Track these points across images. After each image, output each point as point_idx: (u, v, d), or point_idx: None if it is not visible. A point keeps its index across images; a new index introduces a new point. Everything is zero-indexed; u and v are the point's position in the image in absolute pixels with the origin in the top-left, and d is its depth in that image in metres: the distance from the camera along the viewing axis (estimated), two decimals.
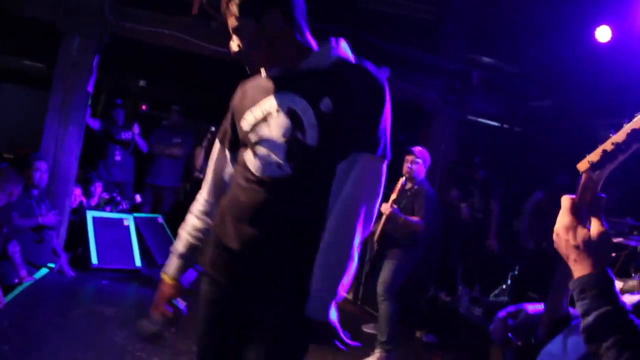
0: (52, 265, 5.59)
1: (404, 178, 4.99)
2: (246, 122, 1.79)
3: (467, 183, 6.88)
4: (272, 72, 1.81)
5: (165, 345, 4.16)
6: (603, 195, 1.13)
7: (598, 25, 5.87)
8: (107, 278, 5.86)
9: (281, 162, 1.69)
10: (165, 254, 6.12)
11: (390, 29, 6.96)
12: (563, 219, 1.15)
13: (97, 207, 6.82)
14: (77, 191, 6.47)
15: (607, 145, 1.13)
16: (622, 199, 6.58)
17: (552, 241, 1.17)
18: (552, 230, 1.16)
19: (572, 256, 1.13)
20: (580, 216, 1.13)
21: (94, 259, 6.02)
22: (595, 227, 1.12)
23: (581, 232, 1.11)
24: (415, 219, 4.78)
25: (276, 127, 1.71)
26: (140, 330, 1.86)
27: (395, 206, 4.81)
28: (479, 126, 8.17)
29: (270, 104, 1.75)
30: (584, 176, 1.15)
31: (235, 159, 1.91)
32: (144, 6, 5.99)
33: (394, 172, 5.04)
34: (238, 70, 3.39)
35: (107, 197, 7.07)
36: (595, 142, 1.20)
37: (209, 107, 9.76)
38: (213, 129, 7.44)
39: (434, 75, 6.84)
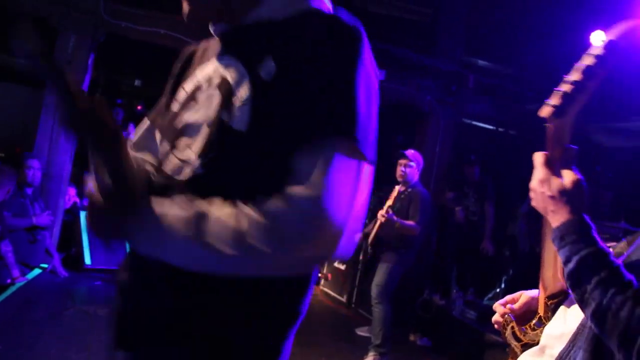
0: (45, 265, 5.56)
1: (400, 185, 4.99)
2: (177, 103, 1.28)
3: (461, 185, 6.89)
4: (219, 28, 1.26)
5: None
6: (574, 146, 1.14)
7: (593, 30, 5.89)
8: (100, 278, 5.84)
9: (193, 155, 1.14)
10: None
11: (386, 30, 6.97)
12: (537, 173, 1.15)
13: None
14: (72, 191, 6.45)
15: (565, 87, 1.13)
16: (614, 201, 6.61)
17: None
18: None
19: (549, 208, 1.13)
20: (553, 169, 1.14)
21: (88, 260, 6.00)
22: (568, 176, 1.12)
23: (555, 182, 1.12)
24: (410, 223, 4.77)
25: (202, 106, 1.18)
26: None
27: (390, 212, 4.80)
28: (474, 129, 8.18)
29: (204, 73, 1.23)
30: (549, 128, 1.15)
31: None
32: (139, 5, 5.98)
33: (390, 176, 5.05)
34: None
35: None
36: (589, 144, 1.20)
37: None
38: None
39: (429, 77, 6.86)
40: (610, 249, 1.32)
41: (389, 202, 4.90)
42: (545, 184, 1.13)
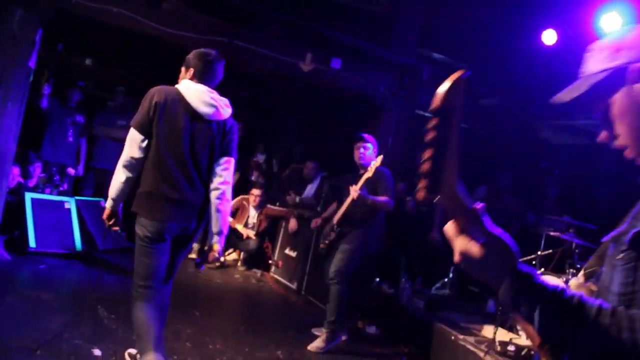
0: None
1: (363, 170, 5.00)
2: None
3: (412, 176, 6.97)
4: None
5: (104, 333, 4.07)
6: (476, 205, 1.08)
7: (544, 27, 6.04)
8: (45, 262, 5.68)
9: None
10: (107, 238, 5.99)
11: (343, 20, 6.97)
12: (455, 246, 1.11)
13: (36, 188, 6.58)
14: (16, 171, 6.23)
15: (425, 164, 1.08)
16: (559, 196, 6.82)
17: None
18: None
19: (482, 275, 1.09)
20: (469, 234, 1.08)
21: (32, 242, 5.82)
22: (482, 237, 1.07)
23: (475, 249, 1.07)
24: (383, 198, 4.88)
25: None
26: None
27: (364, 189, 4.86)
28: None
29: None
30: (442, 204, 1.09)
31: None
32: None
33: (344, 164, 5.08)
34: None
35: (46, 176, 6.84)
36: (536, 141, 1.22)
37: None
38: None
39: (384, 68, 6.90)
40: (579, 279, 1.31)
41: (361, 182, 4.88)
42: (464, 255, 1.08)
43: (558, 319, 0.98)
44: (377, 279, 6.27)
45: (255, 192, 7.32)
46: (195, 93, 3.19)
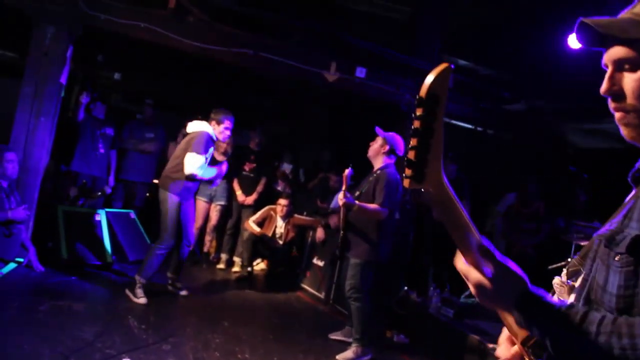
0: (20, 259, 5.49)
1: (349, 168, 4.76)
2: None
3: None
4: None
5: (135, 342, 4.12)
6: (484, 242, 1.14)
7: (571, 32, 5.96)
8: (76, 273, 5.78)
9: None
10: (137, 249, 6.11)
11: (367, 28, 6.99)
12: (470, 279, 1.16)
13: (68, 200, 6.71)
14: (48, 184, 6.37)
15: (409, 155, 1.13)
16: (588, 201, 6.71)
17: (522, 243, 1.18)
18: (522, 232, 1.16)
19: (497, 308, 1.18)
20: (481, 267, 1.14)
21: (64, 254, 5.93)
22: (489, 269, 1.13)
23: (487, 282, 1.13)
24: (371, 206, 4.61)
25: None
26: None
27: (348, 195, 4.63)
28: (452, 128, 8.24)
29: None
30: (428, 194, 1.16)
31: None
32: None
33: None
34: (212, 67, 3.39)
35: (77, 188, 6.98)
36: (564, 144, 1.20)
37: (183, 102, 9.66)
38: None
39: (409, 75, 6.89)
40: (562, 277, 1.34)
41: (344, 187, 4.69)
42: (478, 287, 1.15)
43: (566, 333, 1.03)
44: (405, 288, 6.23)
45: (283, 202, 7.34)
46: None
